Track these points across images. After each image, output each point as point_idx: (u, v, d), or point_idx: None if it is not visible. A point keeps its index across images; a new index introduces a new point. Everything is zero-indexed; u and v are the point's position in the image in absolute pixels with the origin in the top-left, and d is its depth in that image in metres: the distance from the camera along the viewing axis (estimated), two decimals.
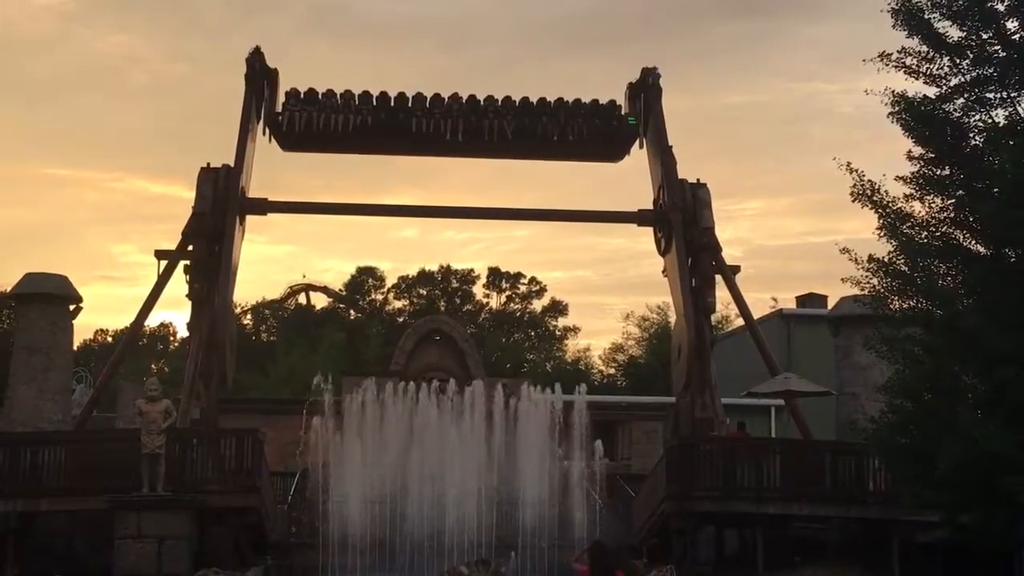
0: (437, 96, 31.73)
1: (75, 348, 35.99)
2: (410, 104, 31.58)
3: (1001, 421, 15.62)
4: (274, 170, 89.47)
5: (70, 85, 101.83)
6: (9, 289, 32.93)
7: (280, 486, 28.73)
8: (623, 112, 32.19)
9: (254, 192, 31.05)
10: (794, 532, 25.95)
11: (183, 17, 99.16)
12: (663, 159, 30.86)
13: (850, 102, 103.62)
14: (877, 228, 17.47)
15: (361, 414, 28.79)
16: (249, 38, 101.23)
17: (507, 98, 31.98)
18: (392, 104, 31.64)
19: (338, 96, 31.49)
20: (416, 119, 31.37)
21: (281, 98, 31.63)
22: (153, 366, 63.53)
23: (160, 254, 29.35)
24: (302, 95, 31.49)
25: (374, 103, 31.55)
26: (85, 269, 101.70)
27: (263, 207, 31.34)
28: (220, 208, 29.21)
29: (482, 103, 31.78)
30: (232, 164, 29.95)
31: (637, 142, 32.23)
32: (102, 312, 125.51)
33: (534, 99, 32.00)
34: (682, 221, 30.12)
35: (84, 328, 75.48)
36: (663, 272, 32.27)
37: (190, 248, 28.82)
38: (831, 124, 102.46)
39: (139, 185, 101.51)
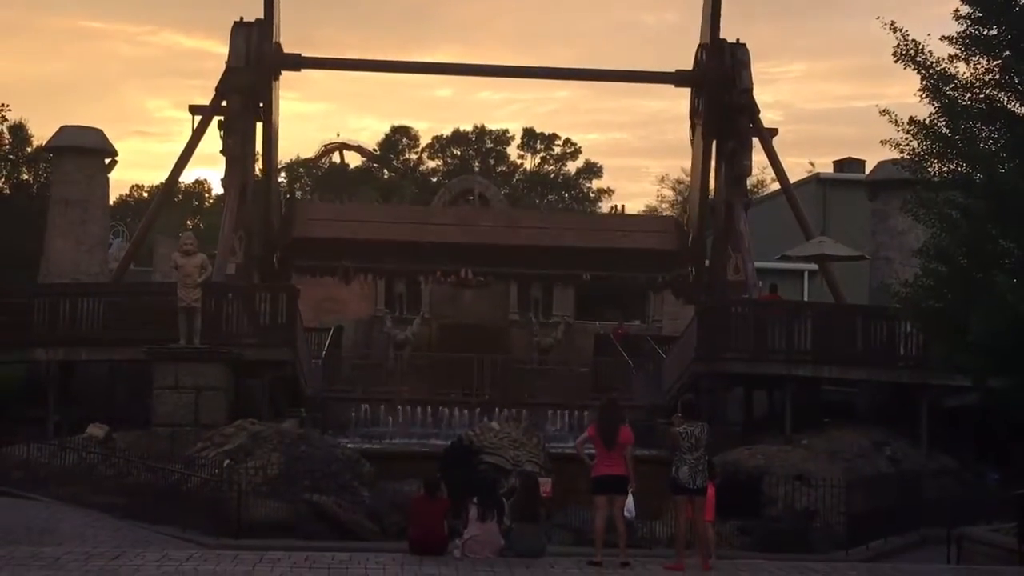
0: None
1: (111, 203, 36.24)
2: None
3: None
4: (309, 26, 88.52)
5: None
6: (45, 142, 33.05)
7: (315, 342, 29.15)
8: None
9: (289, 48, 30.75)
10: (823, 395, 26.15)
11: None
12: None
13: None
14: (919, 90, 17.09)
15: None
16: None
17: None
18: None
19: None
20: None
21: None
22: (188, 222, 63.98)
23: (194, 109, 29.21)
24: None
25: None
26: (120, 123, 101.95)
27: (297, 62, 31.03)
28: (254, 63, 28.97)
29: None
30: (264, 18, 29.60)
31: None
32: (137, 168, 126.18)
33: None
34: (718, 85, 29.75)
35: (120, 183, 76.05)
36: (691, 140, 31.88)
37: (224, 104, 28.66)
38: None
39: (172, 39, 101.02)
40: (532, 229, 31.90)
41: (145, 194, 69.16)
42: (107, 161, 30.08)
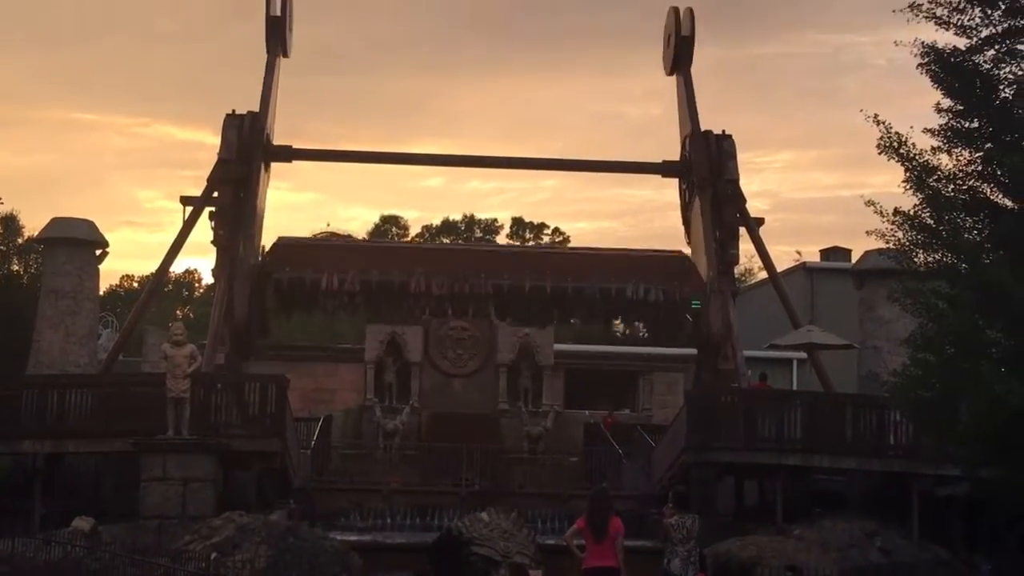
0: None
1: (101, 293, 36.25)
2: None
3: None
4: (299, 117, 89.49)
5: (97, 29, 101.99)
6: (36, 233, 33.16)
7: (304, 432, 29.02)
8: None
9: (279, 139, 31.09)
10: (814, 484, 26.05)
11: None
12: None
13: (882, 54, 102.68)
14: (903, 181, 17.36)
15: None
16: None
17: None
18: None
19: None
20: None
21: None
22: (178, 312, 63.93)
23: (185, 200, 29.44)
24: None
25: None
26: (111, 214, 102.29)
27: (288, 154, 31.36)
28: (245, 155, 29.24)
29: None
30: (257, 110, 29.97)
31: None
32: (128, 258, 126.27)
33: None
34: (707, 175, 29.92)
35: (110, 274, 76.03)
36: (686, 238, 31.99)
37: (215, 195, 28.89)
38: (863, 76, 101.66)
39: (165, 131, 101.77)
40: (538, 250, 31.33)
41: (135, 284, 69.13)
42: (98, 252, 30.20)
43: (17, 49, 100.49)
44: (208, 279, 53.48)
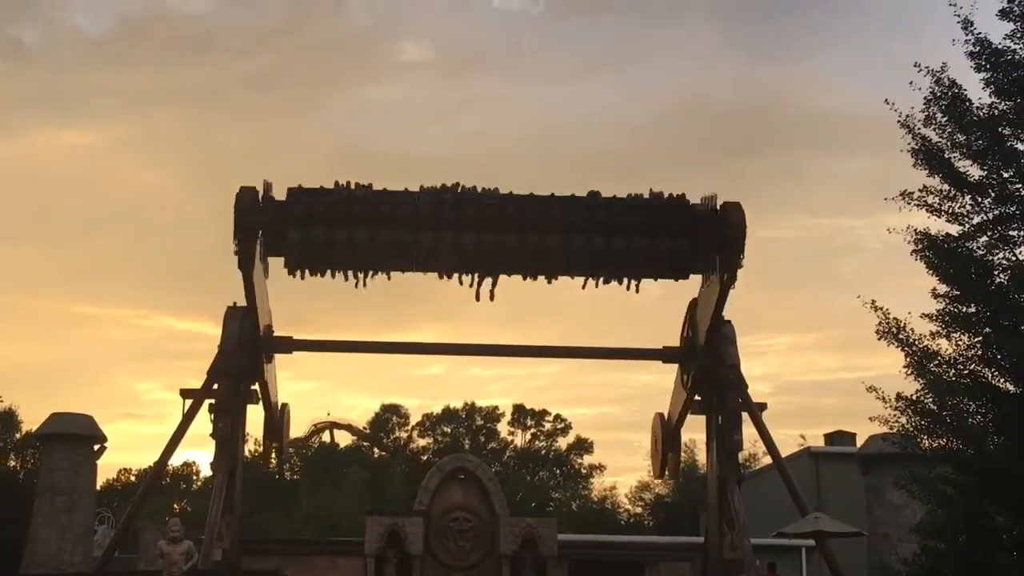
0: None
1: (98, 488, 35.88)
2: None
3: None
4: (299, 302, 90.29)
5: (98, 223, 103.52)
6: (35, 428, 33.04)
7: None
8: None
9: (280, 328, 31.14)
10: None
11: (210, 153, 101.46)
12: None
13: (878, 237, 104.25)
14: (904, 366, 17.39)
15: None
16: (274, 171, 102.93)
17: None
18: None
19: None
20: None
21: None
22: (176, 506, 63.25)
23: (185, 393, 29.29)
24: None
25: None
26: (110, 407, 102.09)
27: (288, 346, 31.35)
28: (245, 347, 29.26)
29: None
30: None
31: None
32: (126, 450, 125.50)
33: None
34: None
35: (108, 467, 75.44)
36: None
37: (215, 387, 28.79)
38: (859, 259, 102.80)
39: (165, 322, 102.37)
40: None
41: (133, 478, 68.57)
42: (96, 448, 30.03)
43: (18, 241, 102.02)
44: (206, 472, 53.01)
